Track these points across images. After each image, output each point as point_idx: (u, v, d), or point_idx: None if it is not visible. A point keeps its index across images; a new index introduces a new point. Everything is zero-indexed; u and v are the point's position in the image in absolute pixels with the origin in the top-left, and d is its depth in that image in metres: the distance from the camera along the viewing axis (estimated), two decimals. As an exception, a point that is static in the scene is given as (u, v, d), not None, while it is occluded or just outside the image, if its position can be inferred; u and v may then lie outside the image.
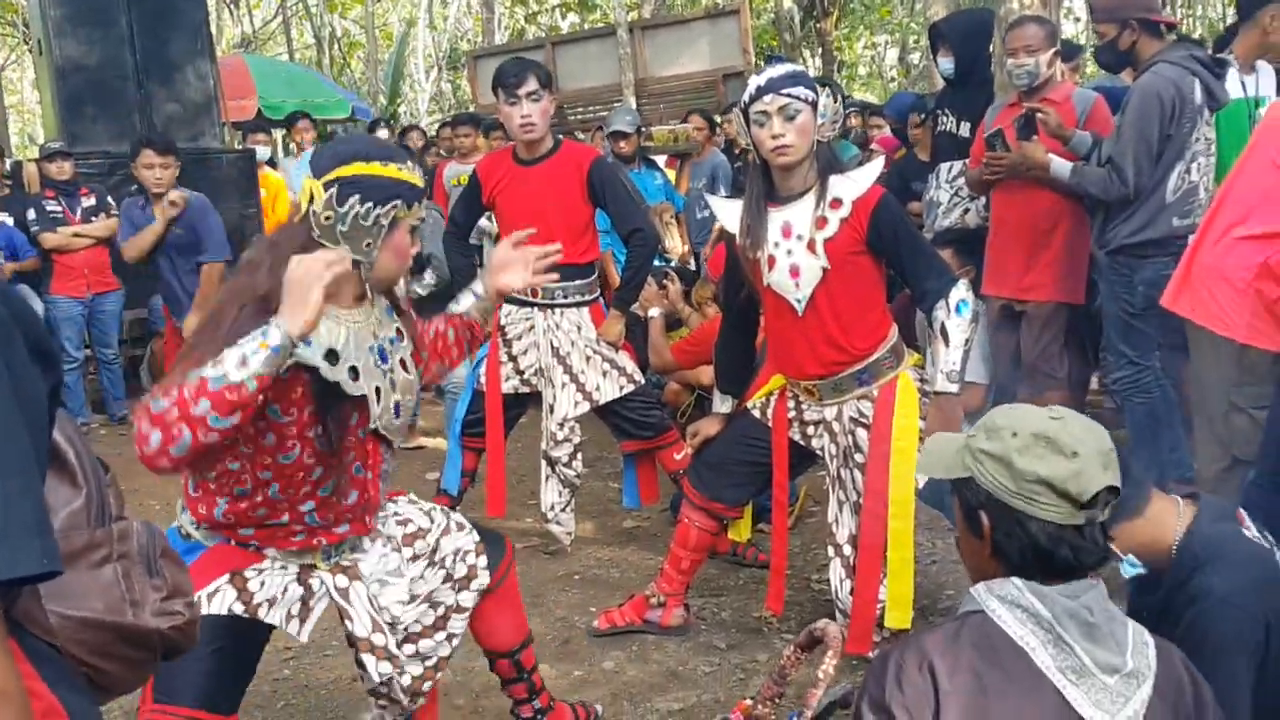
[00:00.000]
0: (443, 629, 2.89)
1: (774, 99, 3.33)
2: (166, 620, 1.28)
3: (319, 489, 2.56)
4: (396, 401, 2.62)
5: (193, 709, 2.50)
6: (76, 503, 1.24)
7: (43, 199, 7.74)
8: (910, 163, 6.76)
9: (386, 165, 2.47)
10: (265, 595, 2.59)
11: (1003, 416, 1.86)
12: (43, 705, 1.15)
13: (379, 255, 2.50)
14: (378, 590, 2.74)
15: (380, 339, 2.60)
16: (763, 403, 3.80)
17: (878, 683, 1.74)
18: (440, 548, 2.89)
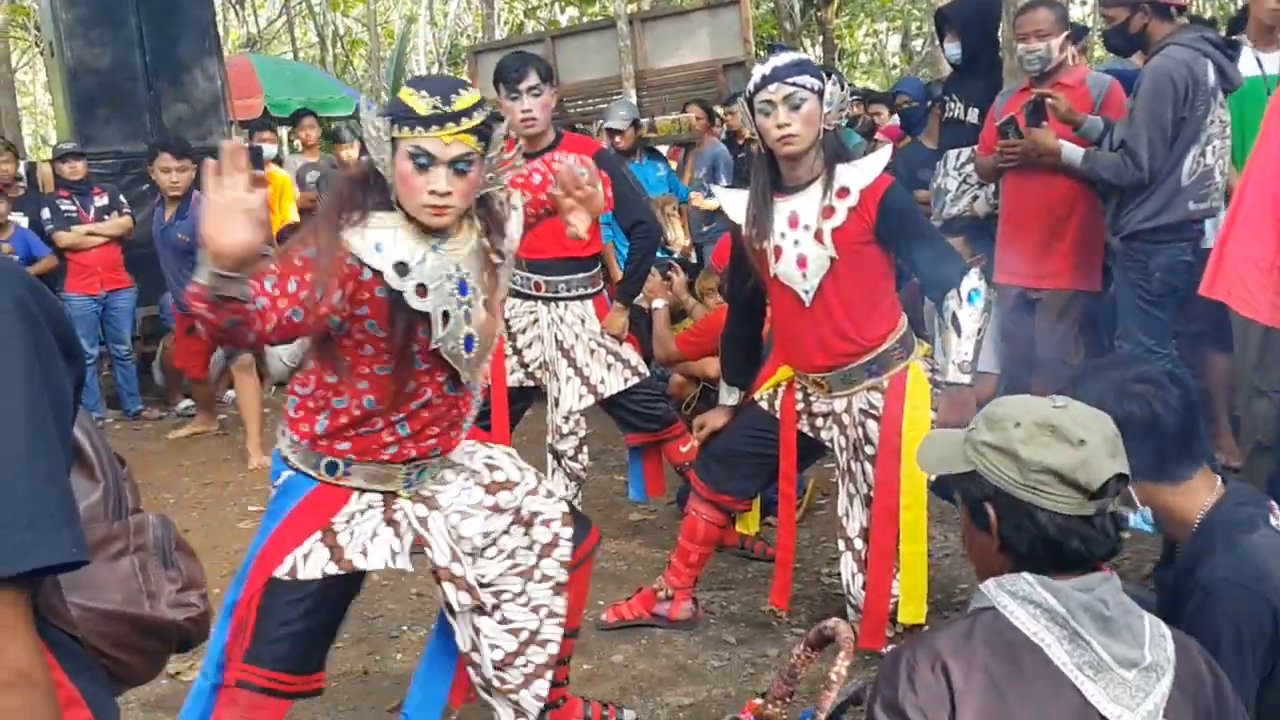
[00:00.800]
0: (525, 595, 2.94)
1: (779, 88, 3.30)
2: (182, 612, 1.30)
3: (413, 401, 2.69)
4: (469, 335, 2.68)
5: (279, 671, 2.66)
6: (94, 495, 1.26)
7: (57, 199, 7.86)
8: (917, 150, 6.73)
9: (406, 89, 2.55)
10: (356, 546, 2.72)
11: (1002, 408, 1.82)
12: (64, 695, 1.17)
13: (393, 176, 2.56)
14: (457, 521, 2.84)
15: (464, 273, 2.67)
16: (770, 394, 3.78)
17: (890, 684, 1.70)
18: (525, 505, 2.94)
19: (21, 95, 21.77)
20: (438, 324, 2.62)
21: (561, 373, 4.60)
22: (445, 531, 2.81)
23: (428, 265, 2.60)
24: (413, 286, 2.58)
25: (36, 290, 1.13)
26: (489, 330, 2.75)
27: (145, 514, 1.32)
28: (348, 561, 2.70)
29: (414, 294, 2.58)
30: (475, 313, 2.70)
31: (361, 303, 2.56)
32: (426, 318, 2.61)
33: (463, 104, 2.53)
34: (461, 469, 2.91)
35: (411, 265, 2.58)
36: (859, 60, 28.30)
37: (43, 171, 8.51)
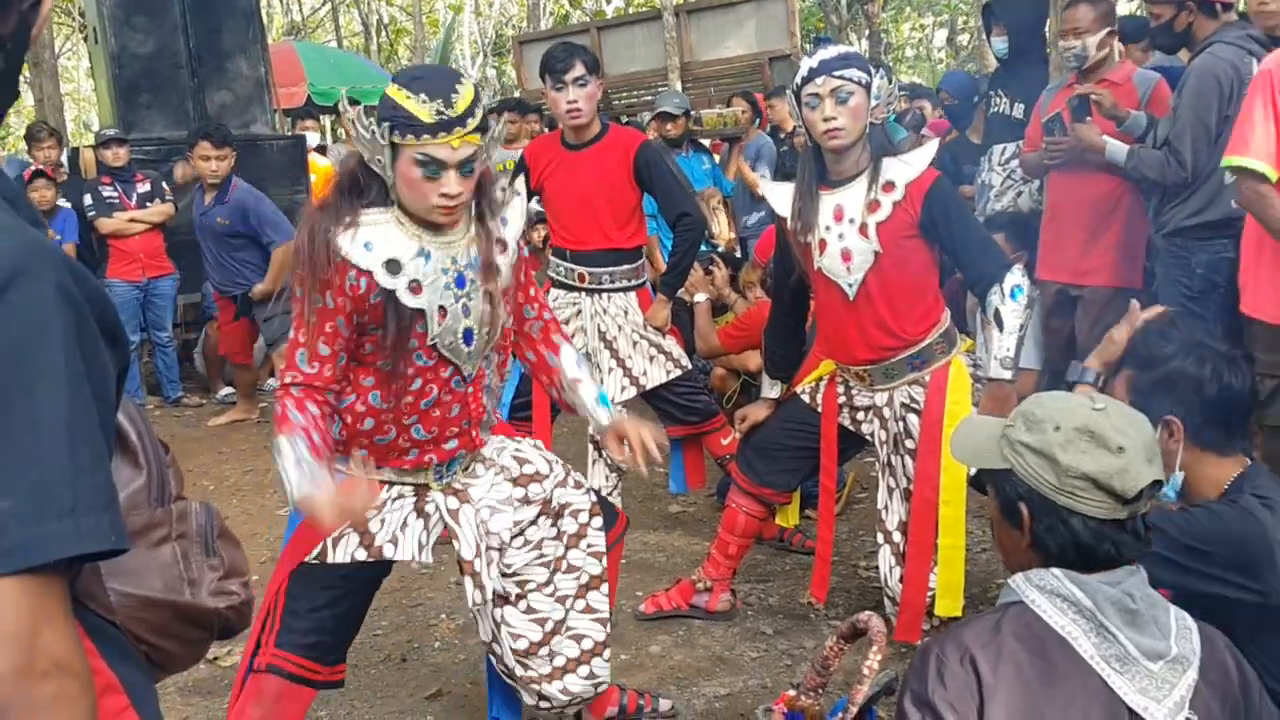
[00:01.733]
0: (551, 585, 2.95)
1: (826, 81, 3.29)
2: (223, 600, 1.29)
3: (421, 400, 2.67)
4: (468, 328, 2.67)
5: (307, 658, 2.69)
6: (138, 482, 1.25)
7: (99, 185, 7.89)
8: (962, 145, 6.69)
9: (399, 90, 2.48)
10: (386, 535, 2.73)
11: (1041, 408, 1.81)
12: (102, 681, 1.16)
13: (394, 177, 2.53)
14: (487, 516, 2.84)
15: (461, 266, 2.65)
16: (812, 388, 3.78)
17: (919, 678, 1.71)
18: (554, 498, 2.95)
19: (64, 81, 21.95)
20: (433, 319, 2.61)
21: (604, 364, 4.61)
22: (474, 525, 2.81)
23: (423, 261, 2.59)
24: (405, 284, 2.57)
25: (79, 274, 1.12)
26: (492, 323, 2.73)
27: (188, 501, 1.32)
28: (377, 549, 2.71)
29: (406, 291, 2.57)
30: (474, 305, 2.68)
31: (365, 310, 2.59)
32: (423, 314, 2.61)
33: (463, 104, 2.48)
34: (491, 464, 2.91)
35: (404, 262, 2.57)
36: (904, 54, 28.13)
37: (85, 157, 8.57)
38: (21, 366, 1.04)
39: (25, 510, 1.03)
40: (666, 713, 3.40)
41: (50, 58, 12.38)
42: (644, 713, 3.38)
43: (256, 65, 9.23)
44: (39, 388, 1.05)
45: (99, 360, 1.12)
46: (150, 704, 1.23)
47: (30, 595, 1.03)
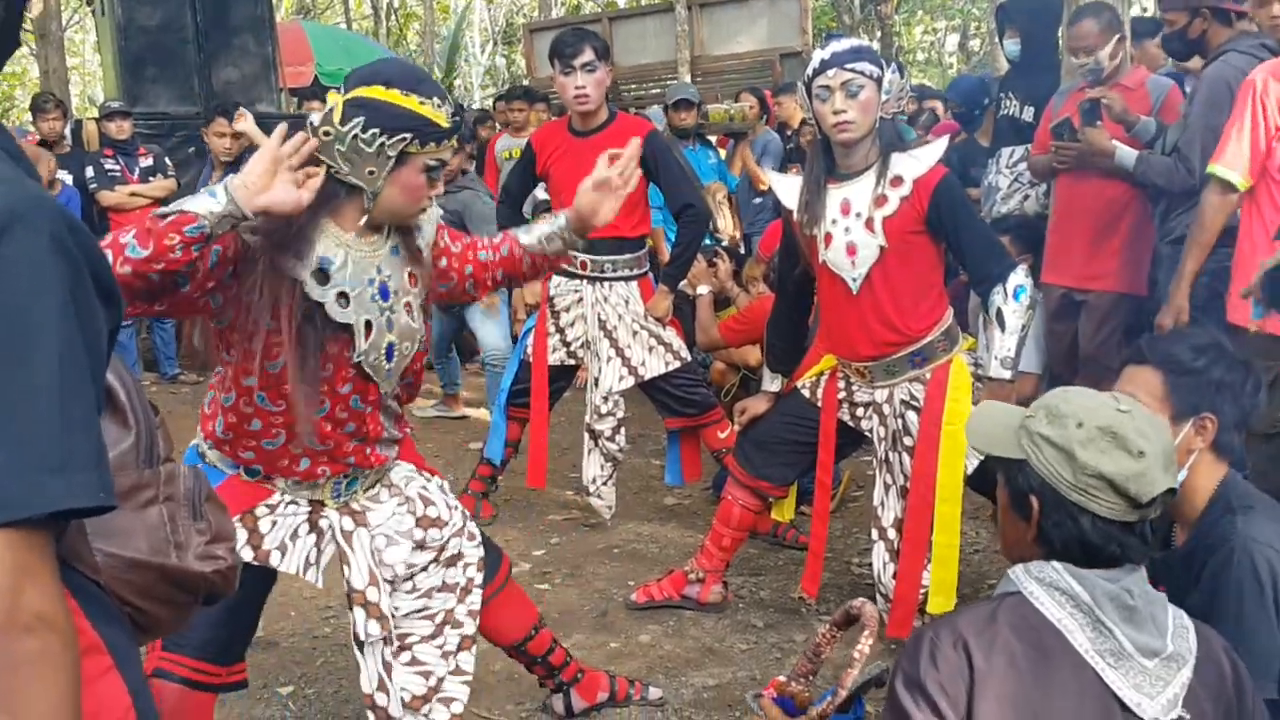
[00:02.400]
0: (440, 637, 2.78)
1: (837, 74, 3.28)
2: (209, 564, 1.28)
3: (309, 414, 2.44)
4: (390, 343, 2.51)
5: (198, 659, 2.53)
6: (126, 442, 1.24)
7: (101, 157, 7.84)
8: (970, 147, 6.66)
9: (407, 96, 2.33)
10: (275, 541, 2.56)
11: (1066, 402, 1.79)
12: (85, 641, 1.15)
13: (385, 188, 2.37)
14: (382, 545, 2.67)
15: (385, 275, 2.49)
16: (813, 383, 3.76)
17: (912, 661, 1.70)
18: (449, 547, 2.79)
19: (71, 55, 21.95)
20: (360, 335, 2.44)
21: (603, 352, 4.60)
22: (368, 552, 2.64)
23: (349, 269, 2.41)
24: (334, 295, 2.38)
25: (76, 228, 1.11)
26: (412, 337, 2.58)
27: (176, 464, 1.31)
28: (264, 553, 2.54)
29: (335, 304, 2.39)
30: (397, 318, 2.52)
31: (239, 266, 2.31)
32: (347, 328, 2.43)
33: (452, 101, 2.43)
34: (396, 491, 2.74)
35: (332, 270, 2.38)
36: (916, 58, 28.12)
37: (88, 129, 8.50)
38: (14, 317, 1.03)
39: (13, 463, 1.02)
40: (655, 701, 3.39)
41: (57, 29, 12.35)
42: (633, 700, 3.38)
43: (264, 43, 9.19)
44: (32, 340, 1.04)
45: (93, 315, 1.10)
46: (134, 666, 1.22)
47: (15, 549, 1.02)
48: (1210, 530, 2.22)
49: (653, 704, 3.39)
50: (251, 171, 2.16)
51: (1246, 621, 2.05)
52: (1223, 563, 2.14)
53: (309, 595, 4.19)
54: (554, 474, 5.27)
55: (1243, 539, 2.13)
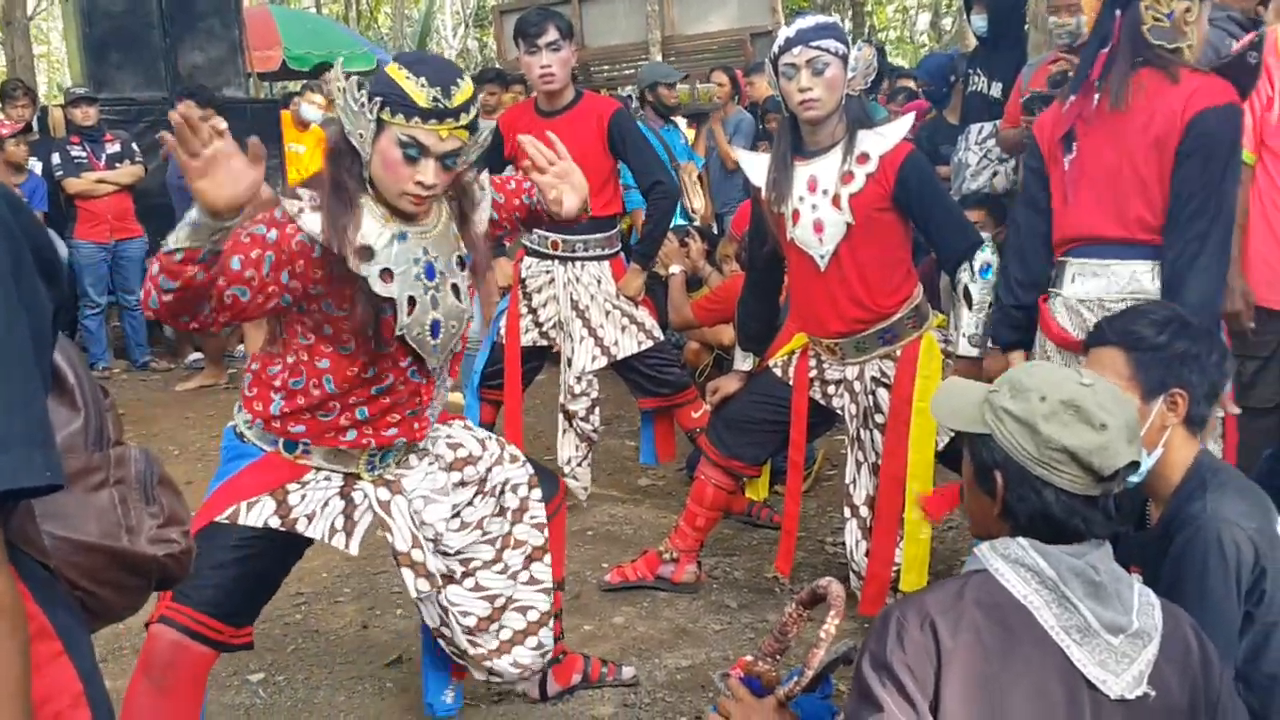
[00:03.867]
0: (501, 562, 2.91)
1: (802, 51, 3.27)
2: (162, 548, 1.26)
3: (373, 387, 2.61)
4: (436, 320, 2.62)
5: (205, 614, 2.56)
6: (75, 425, 1.22)
7: (67, 144, 7.78)
8: (939, 125, 6.67)
9: (399, 70, 2.44)
10: (304, 510, 2.65)
11: (1029, 376, 1.79)
12: (35, 625, 1.13)
13: (372, 155, 2.47)
14: (421, 506, 2.78)
15: (431, 256, 2.61)
16: (784, 361, 3.76)
17: (879, 641, 1.70)
18: (490, 477, 2.90)
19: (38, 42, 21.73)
20: (403, 310, 2.55)
21: (576, 333, 4.58)
22: (408, 516, 2.75)
23: (395, 249, 2.54)
24: (377, 271, 2.51)
25: (16, 206, 1.09)
26: (458, 316, 2.68)
27: (127, 446, 1.29)
28: (292, 520, 2.62)
29: (378, 279, 2.51)
30: (443, 297, 2.63)
31: (315, 281, 2.47)
32: (392, 302, 2.55)
33: (461, 98, 2.44)
34: (425, 452, 2.84)
35: (378, 249, 2.51)
36: (888, 37, 28.11)
37: (54, 116, 8.44)
38: None
39: None
40: (628, 682, 3.39)
41: (22, 17, 12.20)
42: (606, 681, 3.37)
43: (230, 27, 9.13)
44: None
45: (35, 295, 1.09)
46: (84, 650, 1.20)
47: None
48: (1181, 507, 2.22)
49: (626, 685, 3.39)
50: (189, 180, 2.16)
51: (1210, 598, 2.05)
52: (1188, 539, 2.14)
53: (281, 582, 4.17)
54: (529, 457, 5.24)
55: (1210, 516, 2.13)
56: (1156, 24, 2.96)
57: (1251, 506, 2.16)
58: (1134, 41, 2.97)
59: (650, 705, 3.32)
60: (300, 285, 2.46)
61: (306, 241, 2.44)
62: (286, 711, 3.35)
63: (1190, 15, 2.96)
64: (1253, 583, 2.10)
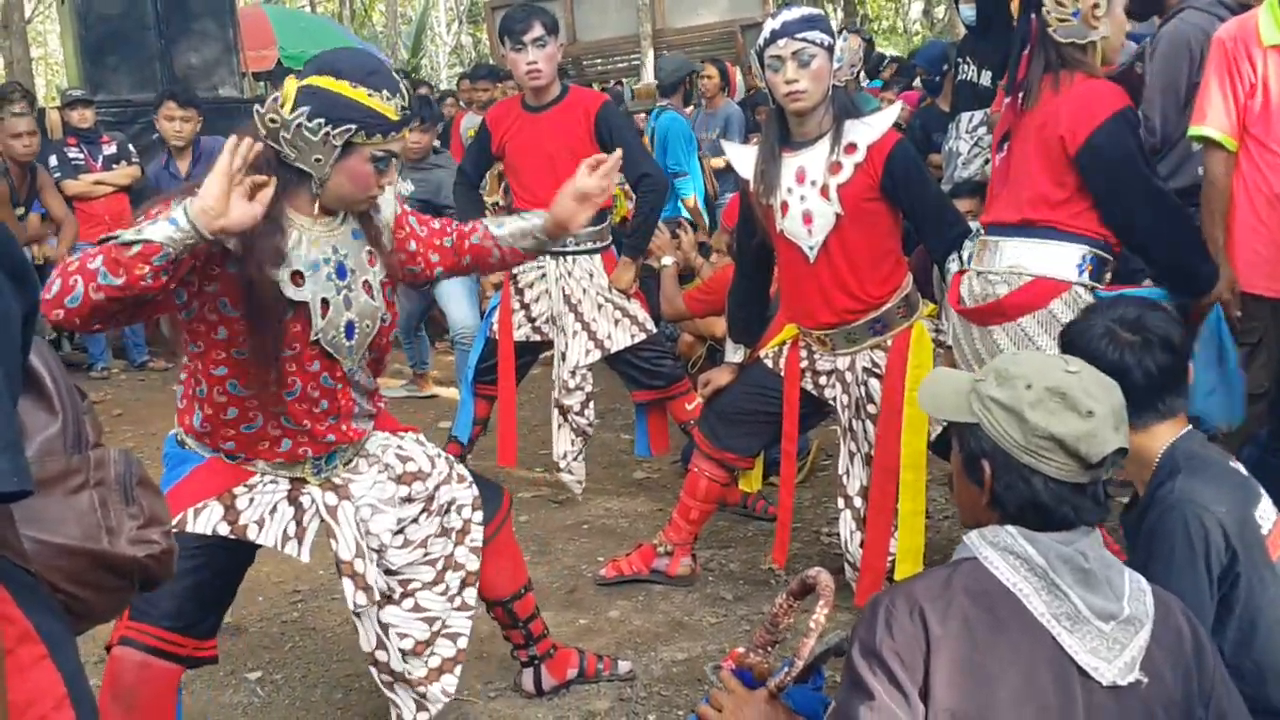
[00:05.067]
0: (442, 583, 2.87)
1: (788, 43, 3.27)
2: (143, 549, 1.26)
3: (285, 391, 2.53)
4: (350, 321, 2.56)
5: (166, 629, 2.53)
6: (53, 428, 1.21)
7: (64, 146, 7.78)
8: (932, 114, 6.67)
9: (356, 88, 2.36)
10: (253, 515, 2.60)
11: (1015, 365, 1.79)
12: (17, 630, 1.13)
13: (332, 174, 2.41)
14: (368, 515, 2.73)
15: (341, 255, 2.54)
16: (775, 352, 3.76)
17: (869, 629, 1.70)
18: (438, 496, 2.86)
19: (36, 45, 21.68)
20: (317, 314, 2.49)
21: (568, 327, 4.58)
22: (354, 524, 2.70)
23: (304, 248, 2.47)
24: (288, 274, 2.43)
25: None
26: (372, 315, 2.62)
27: (106, 449, 1.28)
28: (241, 527, 2.57)
29: (289, 282, 2.44)
30: (356, 297, 2.57)
31: (212, 279, 2.38)
32: (304, 306, 2.48)
33: (407, 94, 2.43)
34: (375, 460, 2.79)
35: (287, 250, 2.43)
36: (880, 26, 28.07)
37: (51, 119, 8.43)
38: None
39: None
40: (624, 676, 3.39)
41: (19, 20, 12.20)
42: (602, 676, 3.37)
43: (225, 27, 9.15)
44: None
45: (1, 298, 1.07)
46: (68, 653, 1.20)
47: None
48: (1154, 491, 2.24)
49: (622, 679, 3.39)
50: (208, 194, 2.17)
51: (1176, 582, 2.05)
52: (1157, 518, 2.16)
53: (277, 580, 4.18)
54: (524, 452, 5.26)
55: (1178, 498, 2.15)
56: (1062, 23, 3.13)
57: (1224, 490, 2.17)
58: (1044, 41, 3.18)
59: (646, 699, 3.32)
60: (198, 281, 2.37)
61: None
62: (284, 709, 3.36)
63: (1098, 10, 3.12)
64: (1225, 566, 2.11)
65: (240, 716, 3.32)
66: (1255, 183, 3.54)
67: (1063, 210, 3.21)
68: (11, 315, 1.08)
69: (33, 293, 1.13)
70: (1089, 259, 3.21)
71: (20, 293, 1.10)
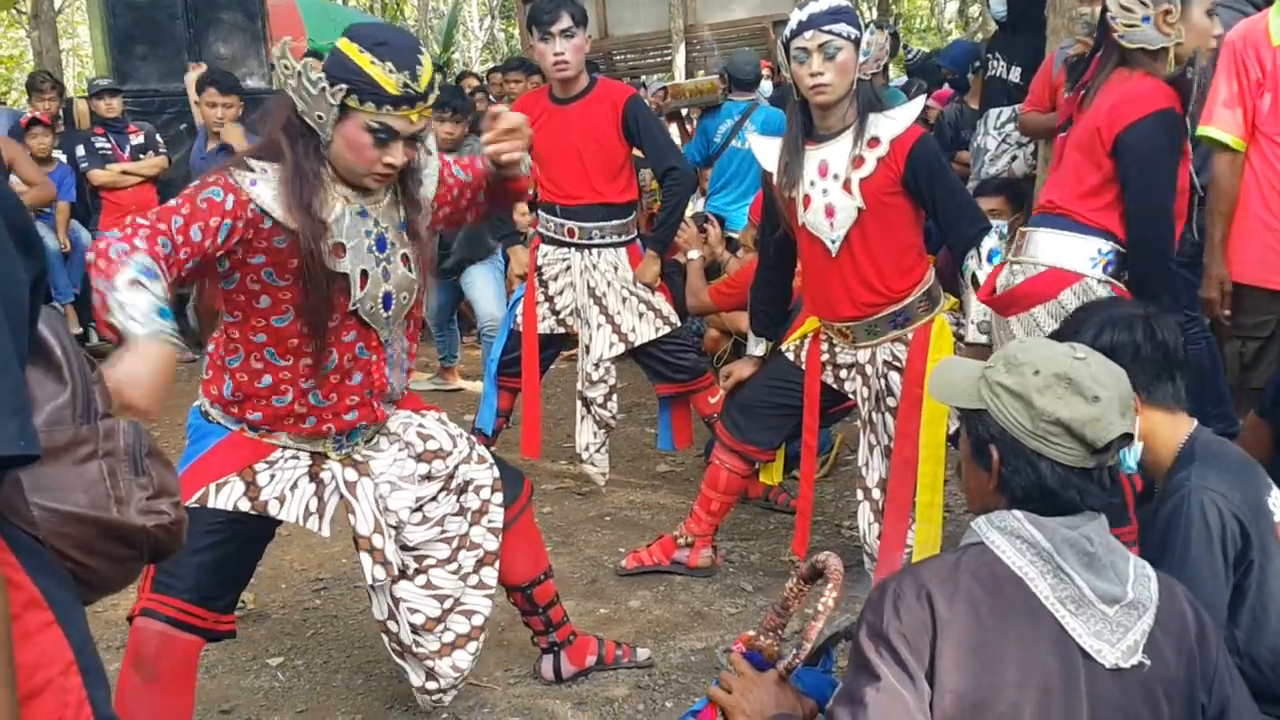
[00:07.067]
0: (455, 562, 2.90)
1: (814, 35, 3.26)
2: (152, 519, 1.27)
3: (319, 366, 2.58)
4: (388, 292, 2.61)
5: (187, 601, 2.57)
6: (62, 398, 1.22)
7: (92, 136, 7.82)
8: (962, 111, 6.65)
9: (361, 54, 2.38)
10: (274, 491, 2.64)
11: (1024, 351, 1.81)
12: (24, 596, 1.14)
13: (334, 138, 2.44)
14: (386, 491, 2.77)
15: (382, 228, 2.60)
16: (796, 345, 3.76)
17: (876, 612, 1.72)
18: (457, 475, 2.89)
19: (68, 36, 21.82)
20: (356, 284, 2.54)
21: (593, 320, 4.59)
22: (372, 500, 2.73)
23: (345, 222, 2.52)
24: (329, 246, 2.49)
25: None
26: (410, 288, 2.67)
27: (116, 419, 1.30)
28: (262, 503, 2.61)
29: (330, 255, 2.49)
30: (394, 269, 2.62)
31: (258, 251, 2.44)
32: (344, 277, 2.53)
33: (427, 78, 2.43)
34: (395, 438, 2.83)
35: (329, 223, 2.48)
36: (915, 24, 27.93)
37: (79, 108, 8.47)
38: None
39: None
40: (643, 664, 3.41)
41: (49, 10, 12.30)
42: (621, 663, 3.40)
43: (254, 18, 9.17)
44: None
45: (10, 264, 1.08)
46: (76, 620, 1.22)
47: None
48: (1169, 480, 2.25)
49: (641, 667, 3.41)
50: None
51: (1192, 567, 2.07)
52: (1173, 506, 2.17)
53: (300, 568, 4.22)
54: (548, 444, 5.28)
55: (1193, 485, 2.16)
56: (1130, 29, 3.16)
57: (1237, 478, 2.19)
58: (1111, 45, 3.25)
59: (664, 687, 3.34)
60: (242, 251, 2.43)
61: (259, 211, 2.42)
62: (305, 694, 3.39)
63: (1171, 16, 3.13)
64: (1239, 553, 2.13)
65: (261, 701, 3.35)
66: (1269, 179, 3.54)
67: (1086, 202, 3.24)
68: (20, 282, 1.09)
69: (40, 260, 1.14)
70: (1107, 254, 3.23)
71: (28, 260, 1.11)
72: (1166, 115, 3.13)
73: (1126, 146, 3.12)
